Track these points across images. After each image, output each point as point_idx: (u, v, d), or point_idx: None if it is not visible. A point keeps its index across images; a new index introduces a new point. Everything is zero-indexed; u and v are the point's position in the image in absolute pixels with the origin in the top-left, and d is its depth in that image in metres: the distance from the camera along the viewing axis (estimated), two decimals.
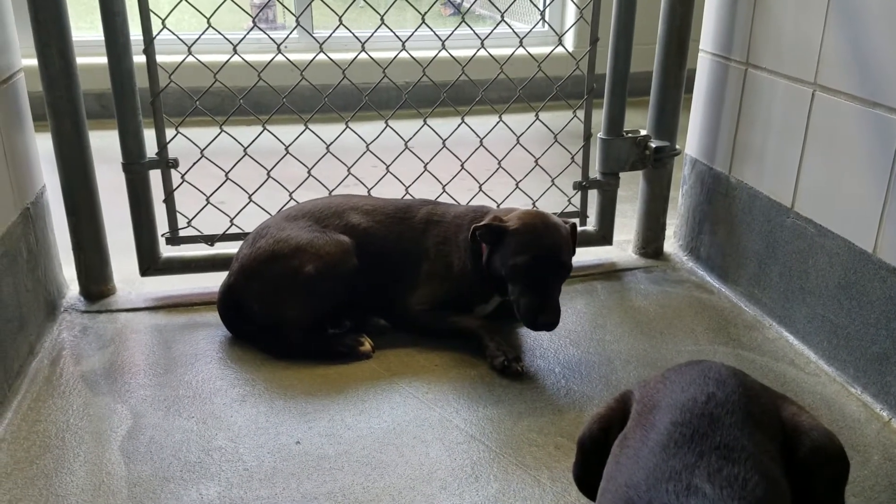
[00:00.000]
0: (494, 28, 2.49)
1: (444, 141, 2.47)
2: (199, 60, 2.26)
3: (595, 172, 2.54)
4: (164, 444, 1.69)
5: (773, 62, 2.13)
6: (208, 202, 2.35)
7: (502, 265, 1.96)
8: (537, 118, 2.50)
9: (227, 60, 2.28)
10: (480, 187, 2.52)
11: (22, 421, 1.75)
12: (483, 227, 1.98)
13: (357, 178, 2.46)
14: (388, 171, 2.45)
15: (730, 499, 1.08)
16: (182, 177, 2.31)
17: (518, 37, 2.44)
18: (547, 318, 1.91)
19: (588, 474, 1.35)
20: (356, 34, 2.36)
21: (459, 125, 2.45)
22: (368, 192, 2.42)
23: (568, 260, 1.98)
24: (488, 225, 1.98)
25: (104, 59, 2.10)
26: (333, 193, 2.37)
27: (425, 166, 2.48)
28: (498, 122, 2.48)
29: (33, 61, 2.05)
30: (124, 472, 1.60)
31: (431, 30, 2.39)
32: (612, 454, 1.28)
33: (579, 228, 2.60)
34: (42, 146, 2.20)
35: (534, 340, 2.12)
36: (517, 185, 2.55)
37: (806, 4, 1.98)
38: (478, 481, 1.59)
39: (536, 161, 2.54)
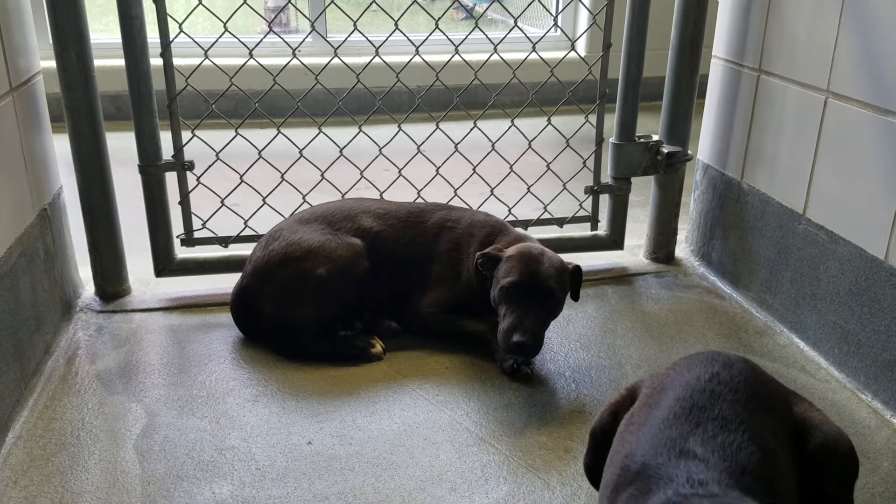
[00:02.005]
0: (508, 33, 2.50)
1: (456, 145, 2.48)
2: (215, 64, 2.28)
3: (607, 177, 2.55)
4: (178, 443, 1.71)
5: (785, 69, 2.13)
6: (223, 204, 2.37)
7: (494, 289, 1.96)
8: (549, 123, 2.51)
9: (244, 64, 2.30)
10: (492, 191, 2.54)
11: (38, 419, 1.78)
12: (484, 254, 1.99)
13: (370, 182, 2.48)
14: (400, 174, 2.47)
15: (720, 460, 1.10)
16: (197, 179, 2.33)
17: (531, 42, 2.45)
18: (520, 337, 1.84)
19: (599, 464, 1.36)
20: (370, 38, 2.38)
21: (472, 129, 2.46)
22: (381, 195, 2.44)
23: (557, 290, 1.92)
24: (487, 254, 1.99)
25: (120, 62, 2.13)
26: (346, 196, 2.39)
27: (437, 170, 2.49)
28: (510, 127, 2.49)
29: (51, 63, 2.08)
30: (138, 471, 1.62)
31: (445, 34, 2.40)
32: (617, 433, 1.29)
33: (590, 233, 2.61)
34: (59, 148, 2.23)
35: (544, 344, 2.12)
36: (528, 189, 2.56)
37: (819, 12, 1.98)
38: (487, 483, 1.61)
39: (548, 165, 2.55)
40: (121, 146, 2.61)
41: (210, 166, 2.34)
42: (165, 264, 2.35)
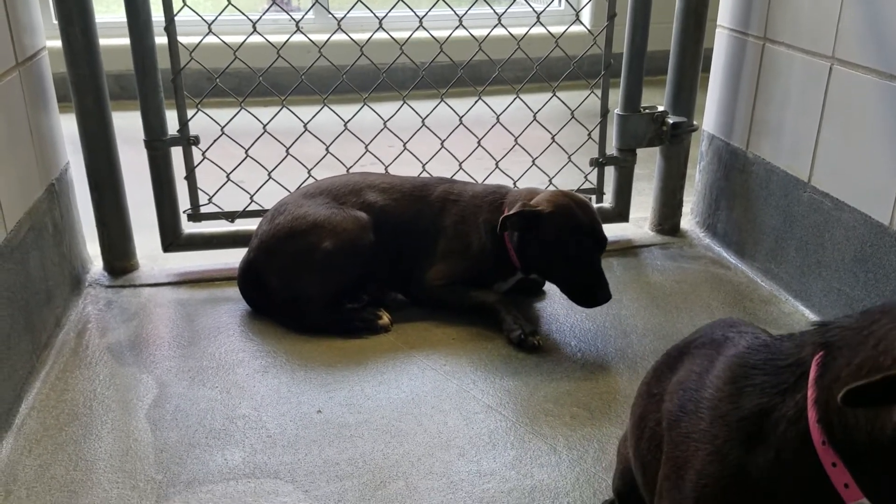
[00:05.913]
0: (510, 6, 2.49)
1: (460, 119, 2.48)
2: (221, 39, 2.28)
3: (612, 149, 2.55)
4: (190, 413, 1.73)
5: (790, 36, 2.12)
6: (229, 179, 2.38)
7: (542, 249, 1.97)
8: (554, 95, 2.51)
9: (246, 39, 2.31)
10: (497, 165, 2.54)
11: (50, 390, 1.80)
12: (514, 215, 1.95)
13: (375, 156, 2.48)
14: (405, 148, 2.47)
15: None
16: (203, 154, 2.34)
17: (536, 13, 2.44)
18: (605, 294, 1.95)
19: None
20: (374, 12, 2.37)
21: (476, 103, 2.46)
22: (386, 169, 2.44)
23: (604, 233, 2.02)
24: (520, 212, 1.95)
25: (123, 40, 2.13)
26: (351, 171, 2.40)
27: (442, 144, 2.50)
28: (514, 100, 2.49)
29: (57, 43, 2.09)
30: (151, 439, 1.64)
31: (450, 7, 2.40)
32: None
33: (595, 206, 2.61)
34: (65, 127, 2.24)
35: (550, 314, 2.14)
36: (533, 162, 2.56)
37: None
38: (495, 448, 1.62)
39: (553, 138, 2.55)
40: (126, 125, 2.61)
41: (215, 141, 2.35)
42: (173, 239, 2.36)
